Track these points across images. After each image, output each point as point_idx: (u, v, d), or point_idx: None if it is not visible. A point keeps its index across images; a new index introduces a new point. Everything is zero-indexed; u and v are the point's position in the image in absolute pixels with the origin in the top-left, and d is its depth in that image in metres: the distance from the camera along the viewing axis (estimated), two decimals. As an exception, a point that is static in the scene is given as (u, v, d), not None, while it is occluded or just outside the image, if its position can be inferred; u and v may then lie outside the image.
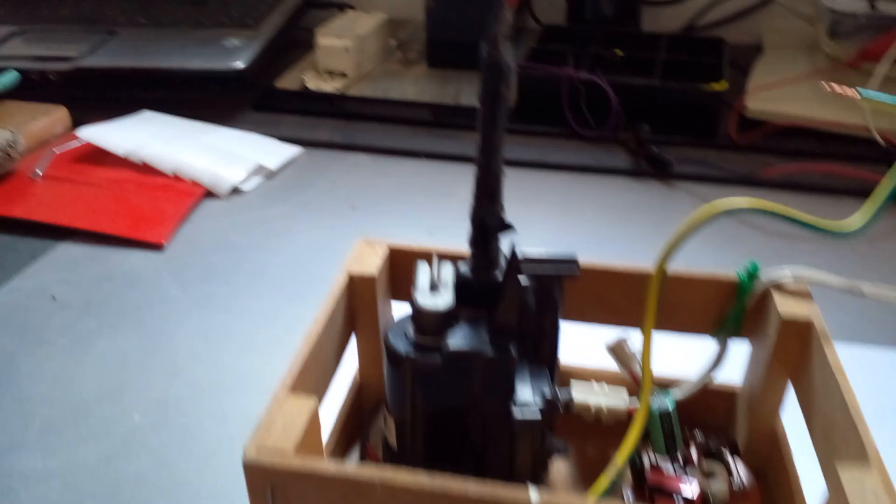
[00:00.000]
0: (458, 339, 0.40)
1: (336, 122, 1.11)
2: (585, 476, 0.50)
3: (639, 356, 0.49)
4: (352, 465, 0.32)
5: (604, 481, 0.42)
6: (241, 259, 0.77)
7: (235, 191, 0.91)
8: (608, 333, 0.49)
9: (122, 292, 0.70)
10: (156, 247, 0.78)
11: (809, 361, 0.42)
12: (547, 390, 0.42)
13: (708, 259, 0.75)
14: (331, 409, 0.50)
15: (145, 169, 0.92)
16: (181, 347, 0.62)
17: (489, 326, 0.41)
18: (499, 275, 0.42)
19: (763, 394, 0.46)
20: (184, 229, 0.82)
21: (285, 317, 0.67)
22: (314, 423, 0.35)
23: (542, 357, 0.46)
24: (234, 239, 0.80)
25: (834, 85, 0.76)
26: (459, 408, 0.41)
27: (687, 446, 0.49)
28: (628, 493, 0.48)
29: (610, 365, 0.51)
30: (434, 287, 0.42)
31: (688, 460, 0.48)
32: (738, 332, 0.47)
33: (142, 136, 0.98)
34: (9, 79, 1.08)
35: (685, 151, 0.99)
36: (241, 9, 1.29)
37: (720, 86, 1.01)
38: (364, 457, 0.49)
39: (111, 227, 0.80)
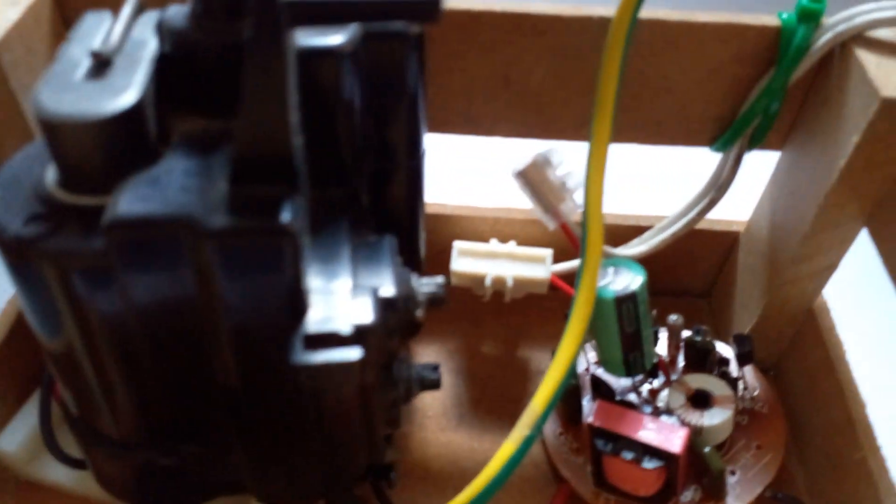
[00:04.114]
0: (145, 193, 0.16)
1: None
2: (480, 405, 0.29)
3: (572, 183, 0.27)
4: None
5: (501, 456, 0.21)
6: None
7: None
8: (522, 151, 0.26)
9: None
10: None
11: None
12: (388, 281, 0.20)
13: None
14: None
15: None
16: None
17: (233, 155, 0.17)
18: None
19: (806, 247, 0.25)
20: None
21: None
22: None
23: (390, 215, 0.24)
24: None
25: None
26: (188, 343, 0.18)
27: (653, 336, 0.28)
28: (555, 427, 0.27)
29: (523, 205, 0.29)
30: (101, 61, 0.18)
31: (661, 368, 0.27)
32: (766, 131, 0.25)
33: None
34: None
35: None
36: None
37: None
38: (47, 403, 0.26)
39: None
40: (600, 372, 0.27)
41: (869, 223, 0.24)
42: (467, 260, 0.28)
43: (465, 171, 0.38)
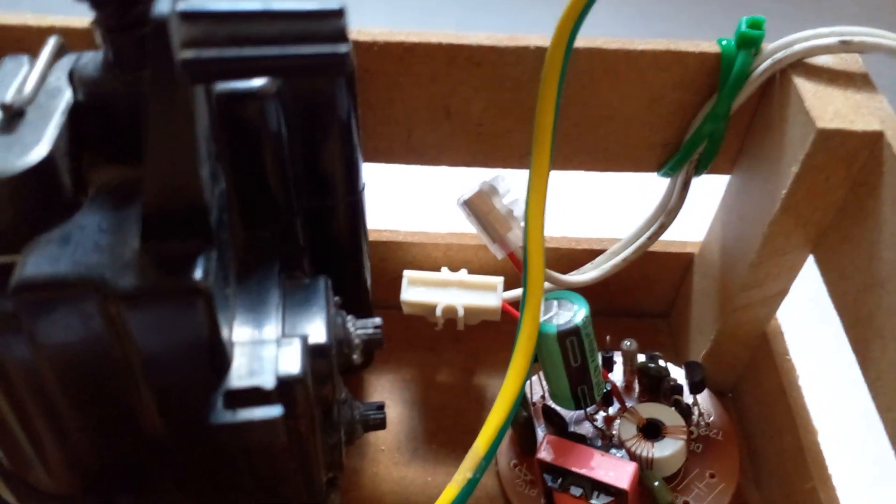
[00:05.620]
0: (54, 253, 0.16)
1: None
2: (435, 437, 0.29)
3: (519, 212, 0.27)
4: None
5: (443, 501, 0.21)
6: None
7: None
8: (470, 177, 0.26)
9: None
10: None
11: (868, 214, 0.21)
12: (320, 327, 0.19)
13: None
14: None
15: None
16: None
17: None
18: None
19: (755, 273, 0.25)
20: None
21: None
22: None
23: (332, 252, 0.24)
24: None
25: None
26: (113, 398, 0.18)
27: (608, 367, 0.28)
28: (510, 458, 0.27)
29: (469, 232, 0.28)
30: (12, 114, 0.17)
31: (614, 395, 0.27)
32: (711, 156, 0.25)
33: None
34: None
35: None
36: None
37: None
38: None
39: None
40: (552, 402, 0.27)
41: (815, 251, 0.24)
42: (418, 289, 0.28)
43: (417, 196, 0.38)
